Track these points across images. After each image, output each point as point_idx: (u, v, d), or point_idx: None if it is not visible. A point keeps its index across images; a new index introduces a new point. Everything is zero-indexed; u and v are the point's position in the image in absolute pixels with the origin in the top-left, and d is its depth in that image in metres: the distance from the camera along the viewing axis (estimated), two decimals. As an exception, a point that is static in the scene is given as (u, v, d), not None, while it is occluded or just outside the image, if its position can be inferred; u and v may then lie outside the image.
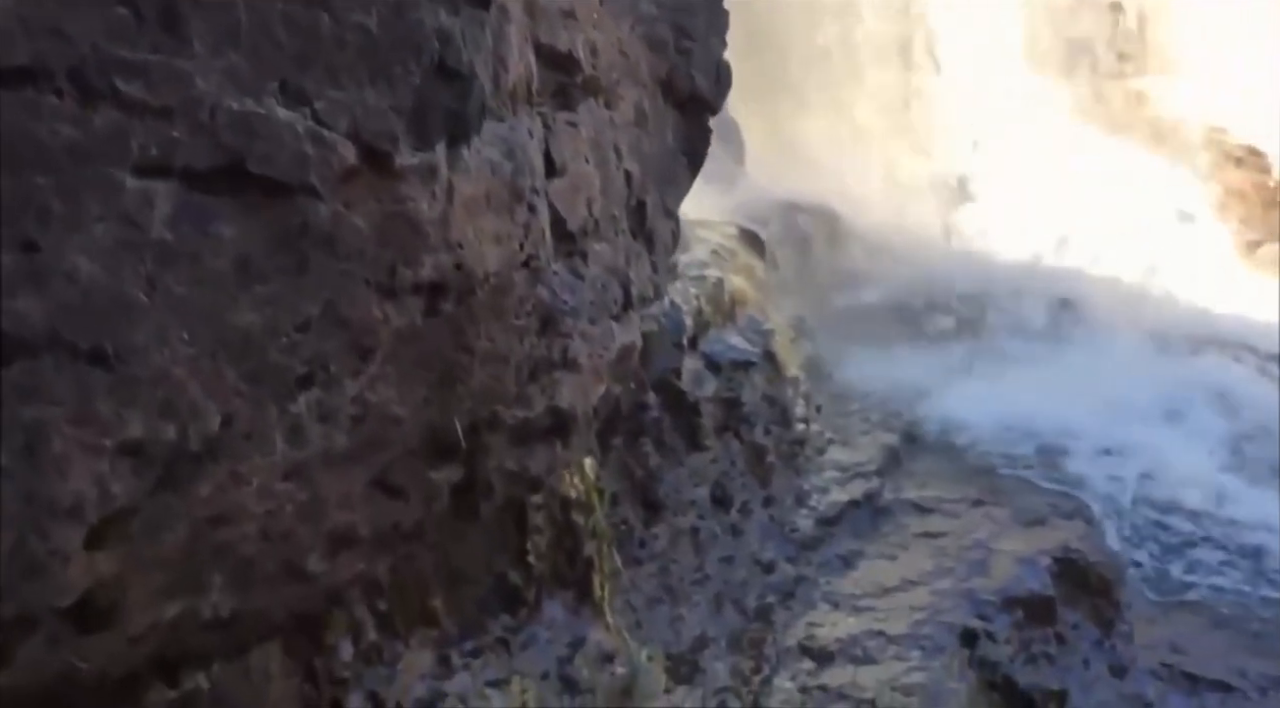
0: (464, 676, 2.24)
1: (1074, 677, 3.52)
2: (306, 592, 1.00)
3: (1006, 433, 4.74)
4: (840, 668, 3.18)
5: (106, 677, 0.90)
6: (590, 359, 1.21)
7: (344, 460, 0.97)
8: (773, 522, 3.68)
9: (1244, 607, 4.14)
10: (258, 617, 0.98)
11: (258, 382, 0.88)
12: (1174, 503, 4.64)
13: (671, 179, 1.44)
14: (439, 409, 1.04)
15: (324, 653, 1.93)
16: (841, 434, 4.38)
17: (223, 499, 0.87)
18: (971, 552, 3.78)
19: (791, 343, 4.39)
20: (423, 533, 1.12)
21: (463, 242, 0.99)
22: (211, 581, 0.91)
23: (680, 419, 3.34)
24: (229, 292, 0.86)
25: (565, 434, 1.21)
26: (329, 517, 0.98)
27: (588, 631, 2.60)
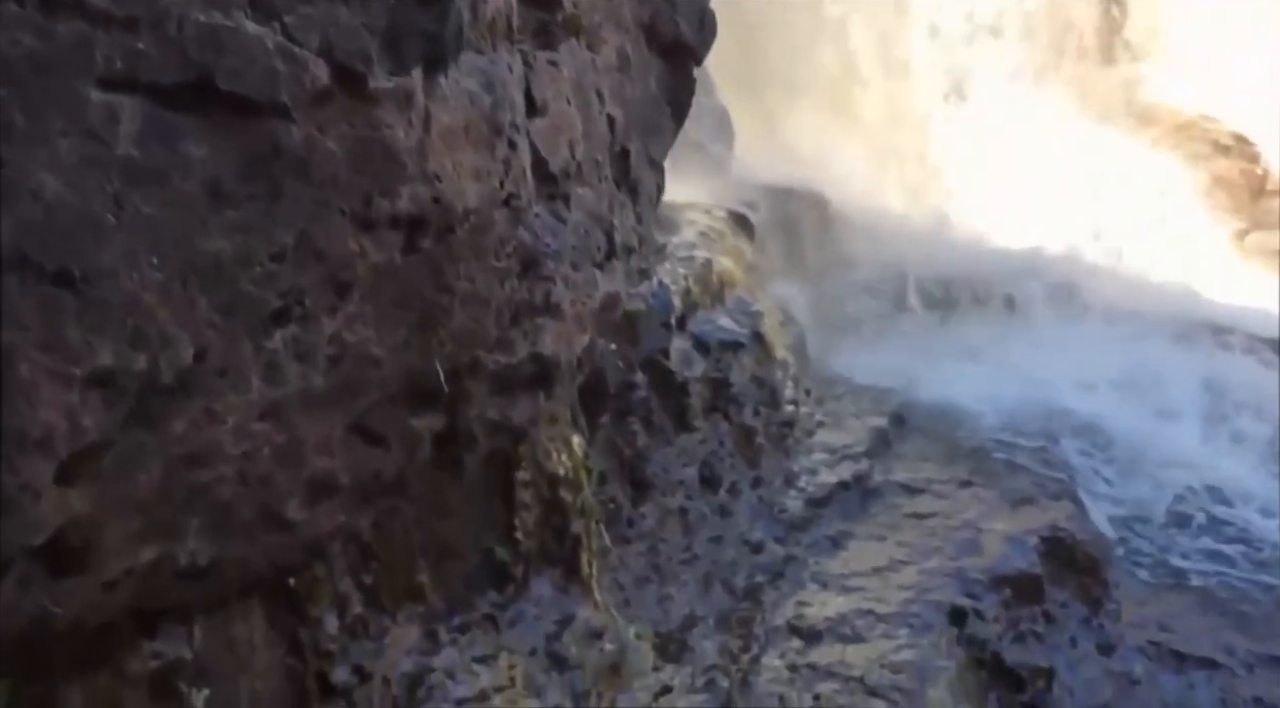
0: (451, 651, 2.23)
1: (1061, 655, 3.53)
2: (286, 542, 0.99)
3: (995, 415, 4.74)
4: (829, 647, 3.18)
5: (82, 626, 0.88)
6: (573, 306, 1.19)
7: (322, 403, 0.95)
8: (761, 503, 3.67)
9: (1232, 587, 4.15)
10: (237, 567, 0.96)
11: (231, 313, 0.86)
12: (1162, 484, 4.65)
13: (655, 128, 1.43)
14: (419, 352, 1.03)
15: (309, 625, 1.92)
16: (830, 416, 4.38)
17: (197, 437, 0.86)
18: (960, 532, 3.78)
19: (780, 325, 4.38)
20: (405, 485, 1.10)
21: (441, 174, 0.97)
22: (188, 525, 0.89)
23: (668, 399, 3.33)
24: (199, 215, 0.84)
25: (548, 384, 1.19)
26: (308, 462, 0.96)
27: (576, 608, 2.59)
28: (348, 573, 2.03)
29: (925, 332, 5.42)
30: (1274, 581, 4.18)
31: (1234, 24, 9.62)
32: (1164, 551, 4.34)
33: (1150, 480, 4.66)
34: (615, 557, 2.95)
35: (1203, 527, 4.46)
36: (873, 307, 5.47)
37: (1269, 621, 3.92)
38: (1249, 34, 9.62)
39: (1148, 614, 3.88)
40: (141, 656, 1.56)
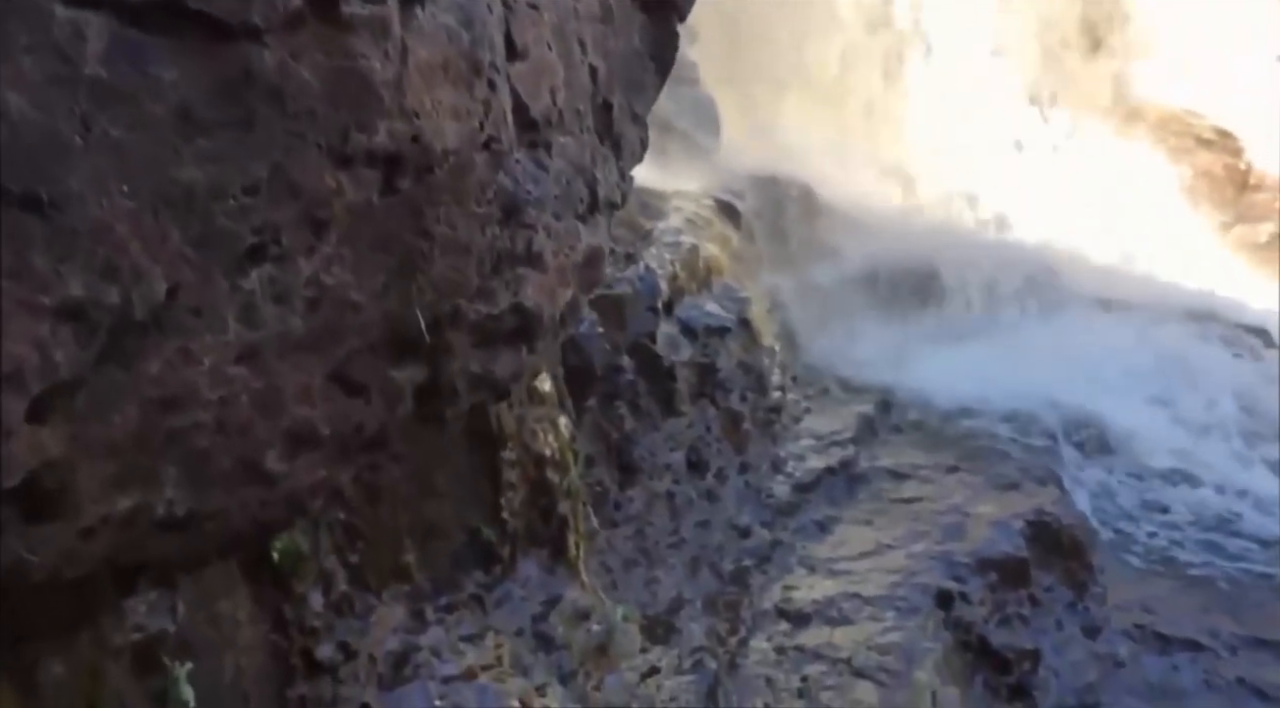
0: (437, 630, 2.21)
1: (1047, 638, 3.53)
2: (266, 496, 0.97)
3: (981, 401, 4.75)
4: (816, 629, 3.17)
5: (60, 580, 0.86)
6: (556, 258, 1.17)
7: (300, 348, 0.93)
8: (748, 488, 3.67)
9: (1215, 571, 4.16)
10: (216, 521, 0.95)
11: (205, 247, 0.84)
12: (1145, 469, 4.67)
13: (638, 84, 1.41)
14: (398, 299, 1.01)
15: (294, 602, 1.90)
16: (817, 403, 4.38)
17: (173, 379, 0.83)
18: (946, 516, 3.78)
19: (767, 313, 4.38)
20: (386, 440, 1.09)
21: (419, 111, 0.95)
22: (165, 473, 0.87)
23: (655, 384, 3.31)
24: (170, 142, 0.81)
25: (530, 337, 1.18)
26: (287, 411, 0.94)
27: (563, 589, 2.57)
28: (333, 551, 2.01)
29: (911, 320, 5.41)
30: (1257, 565, 4.19)
31: (1218, 20, 9.67)
32: (1148, 536, 4.35)
33: (1132, 466, 4.68)
34: (602, 540, 2.93)
35: (1185, 512, 4.48)
36: (859, 296, 5.46)
37: (1252, 604, 3.94)
38: (1233, 30, 9.68)
39: (1132, 598, 3.88)
40: (124, 628, 1.54)
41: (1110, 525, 4.31)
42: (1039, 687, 3.37)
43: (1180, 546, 4.31)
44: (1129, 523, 4.39)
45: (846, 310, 5.35)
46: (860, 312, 5.39)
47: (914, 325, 5.44)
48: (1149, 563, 4.19)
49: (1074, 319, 5.72)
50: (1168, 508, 4.48)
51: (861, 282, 5.63)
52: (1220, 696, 3.47)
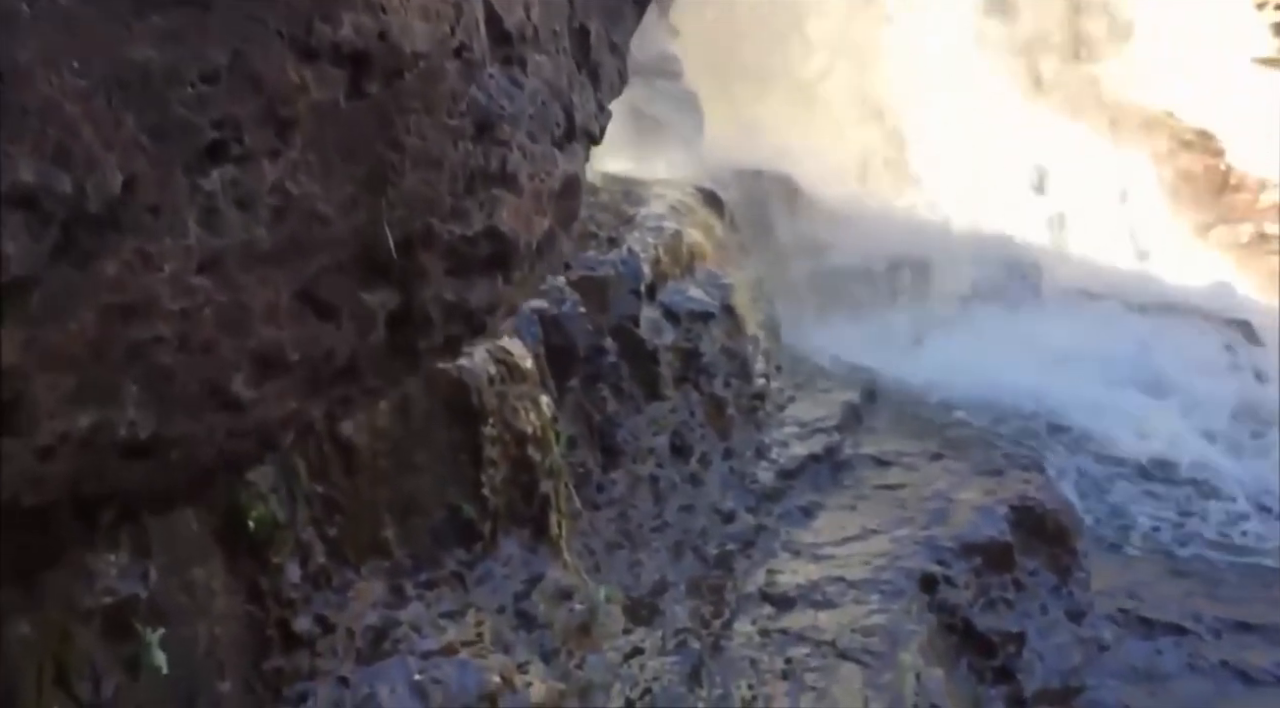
0: (417, 605, 2.18)
1: (1031, 621, 3.52)
2: (234, 424, 0.93)
3: (964, 391, 4.75)
4: (801, 612, 3.15)
5: (18, 505, 0.83)
6: (531, 182, 1.14)
7: (266, 261, 0.90)
8: (732, 473, 3.65)
9: (1199, 557, 4.17)
10: (182, 448, 0.91)
11: (162, 139, 0.81)
12: (1127, 458, 4.67)
13: (616, 12, 1.39)
14: (368, 214, 0.97)
15: (270, 573, 1.87)
16: (801, 392, 4.36)
17: (132, 284, 0.80)
18: (930, 502, 3.77)
19: (752, 301, 4.36)
20: (358, 371, 1.05)
21: (386, 6, 0.93)
22: (126, 391, 0.84)
23: (638, 367, 3.29)
24: (122, 18, 0.78)
25: (506, 266, 1.15)
26: (254, 331, 0.91)
27: (545, 568, 2.54)
28: (310, 523, 1.98)
29: (896, 312, 5.42)
30: (1239, 551, 4.20)
31: (1196, 23, 9.73)
32: (1131, 523, 4.36)
33: (1115, 455, 4.68)
34: (585, 521, 2.91)
35: (1167, 500, 4.49)
36: (844, 288, 5.46)
37: (1235, 589, 3.94)
38: (1211, 33, 9.74)
39: (1116, 583, 3.88)
40: (94, 591, 1.52)
41: (1093, 513, 4.32)
42: (1023, 669, 3.35)
43: (1163, 533, 4.32)
44: (1112, 511, 4.40)
45: (831, 302, 5.35)
46: (845, 303, 5.39)
47: (899, 317, 5.44)
48: (1132, 550, 4.19)
49: (1057, 311, 5.73)
50: (1151, 496, 4.49)
51: (846, 274, 5.64)
52: (1204, 678, 3.47)
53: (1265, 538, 4.29)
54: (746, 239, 4.93)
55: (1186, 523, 4.37)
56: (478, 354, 2.37)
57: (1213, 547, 4.22)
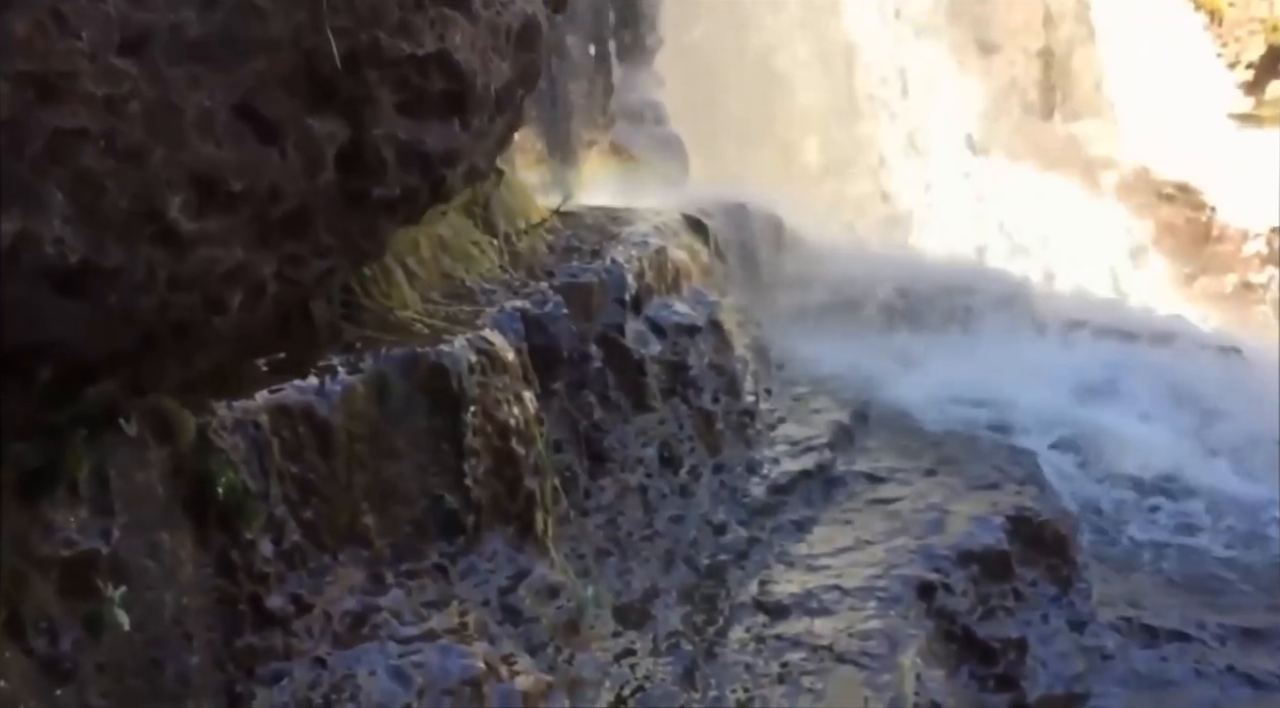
0: (398, 593, 2.11)
1: (1032, 630, 3.42)
2: (176, 267, 0.88)
3: (956, 412, 4.70)
4: (796, 620, 3.06)
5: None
6: (486, 10, 1.10)
7: (198, 55, 0.84)
8: (723, 487, 3.58)
9: (1199, 566, 4.08)
10: (120, 291, 0.86)
11: None
12: (1123, 475, 4.60)
13: None
14: (309, 15, 0.92)
15: (241, 547, 1.81)
16: (792, 414, 4.31)
17: (46, 51, 0.75)
18: (925, 514, 3.70)
19: (738, 326, 4.33)
20: (309, 222, 1.00)
21: None
22: (51, 197, 0.79)
23: (625, 377, 3.25)
24: None
25: (462, 108, 1.10)
26: (188, 143, 0.86)
27: (532, 565, 2.47)
28: (283, 501, 1.92)
29: (887, 341, 5.38)
30: (1239, 560, 4.12)
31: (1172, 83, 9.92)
32: (1130, 537, 4.27)
33: (1110, 472, 4.61)
34: (574, 527, 2.84)
35: (1165, 513, 4.40)
36: (832, 318, 5.43)
37: (1237, 596, 3.85)
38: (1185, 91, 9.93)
39: (1117, 593, 3.78)
40: (52, 540, 1.45)
41: (1092, 527, 4.23)
42: (1026, 677, 3.25)
43: (1164, 546, 4.23)
44: (1110, 524, 4.31)
45: (820, 331, 5.32)
46: (834, 332, 5.36)
47: (890, 345, 5.40)
48: (1132, 561, 4.09)
49: (1049, 337, 5.70)
50: (1148, 509, 4.41)
51: (834, 306, 5.61)
52: (1210, 683, 3.36)
53: (1265, 550, 4.21)
54: (733, 269, 4.92)
55: (1187, 537, 4.28)
56: (457, 341, 2.33)
57: (1214, 559, 4.13)
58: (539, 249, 3.18)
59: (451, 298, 2.61)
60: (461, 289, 2.68)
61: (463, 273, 2.73)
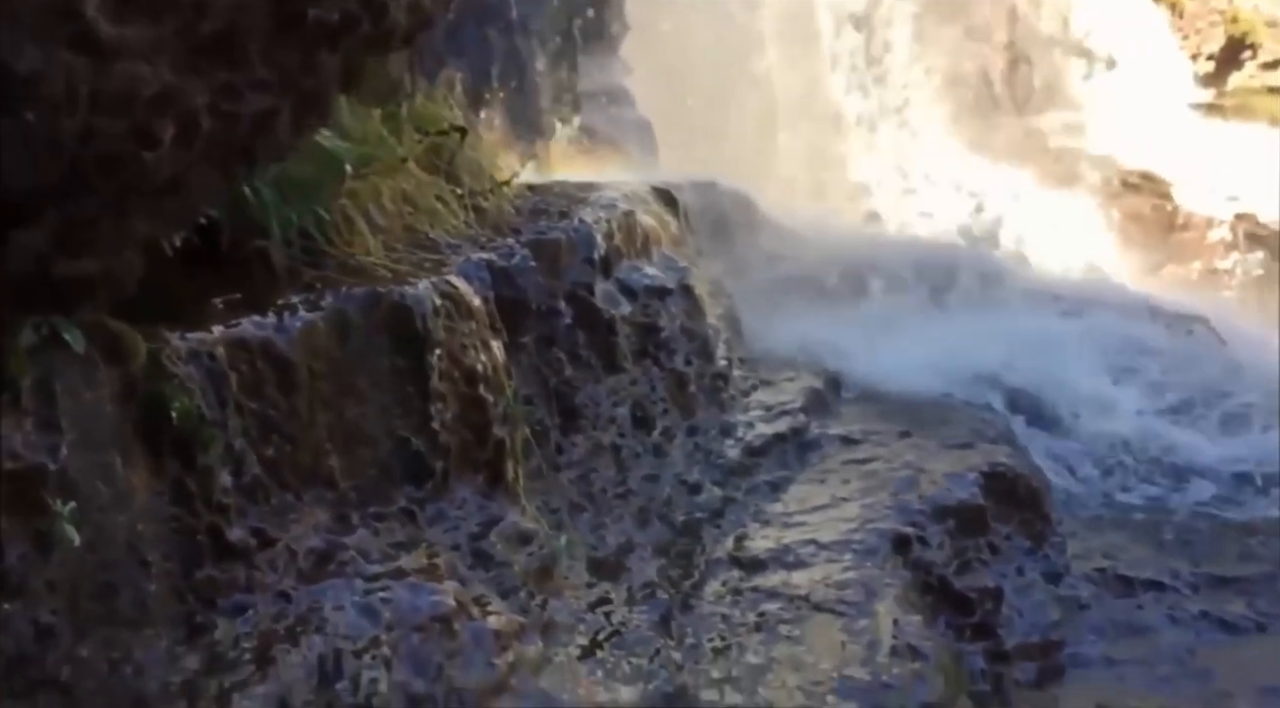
0: (365, 533, 2.06)
1: (1008, 582, 3.40)
2: (97, 81, 0.82)
3: (930, 378, 4.68)
4: (772, 573, 3.02)
5: None
6: None
7: None
8: (697, 449, 3.54)
9: (1172, 520, 4.08)
10: (35, 95, 0.80)
11: None
12: (1094, 436, 4.60)
13: None
14: None
15: (198, 475, 1.76)
16: (765, 382, 4.28)
17: None
18: (900, 472, 3.67)
19: (711, 296, 4.29)
20: (241, 47, 0.95)
21: None
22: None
23: (595, 337, 3.20)
24: None
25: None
26: None
27: (503, 512, 2.43)
28: (243, 434, 1.87)
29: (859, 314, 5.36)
30: (1210, 513, 4.12)
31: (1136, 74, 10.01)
32: (1102, 493, 4.27)
33: (1082, 434, 4.61)
34: (546, 481, 2.79)
35: (1135, 471, 4.41)
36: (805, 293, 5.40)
37: (1208, 547, 3.85)
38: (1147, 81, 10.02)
39: (1091, 547, 3.78)
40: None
41: (1064, 486, 4.22)
42: (1003, 625, 3.22)
43: (1134, 501, 4.24)
44: (1083, 483, 4.31)
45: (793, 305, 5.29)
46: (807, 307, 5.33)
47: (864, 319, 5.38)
48: (1106, 517, 4.09)
49: (1018, 308, 5.70)
50: (1118, 468, 4.41)
51: (807, 281, 5.59)
52: (1185, 629, 3.35)
53: (1236, 503, 4.21)
54: (703, 242, 4.89)
55: (1158, 493, 4.29)
56: (421, 284, 2.29)
57: (1186, 513, 4.13)
58: (505, 210, 3.13)
59: (416, 249, 2.56)
60: (426, 241, 2.63)
61: (427, 227, 2.69)
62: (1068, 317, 5.72)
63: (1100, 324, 5.63)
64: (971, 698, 2.88)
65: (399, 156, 2.53)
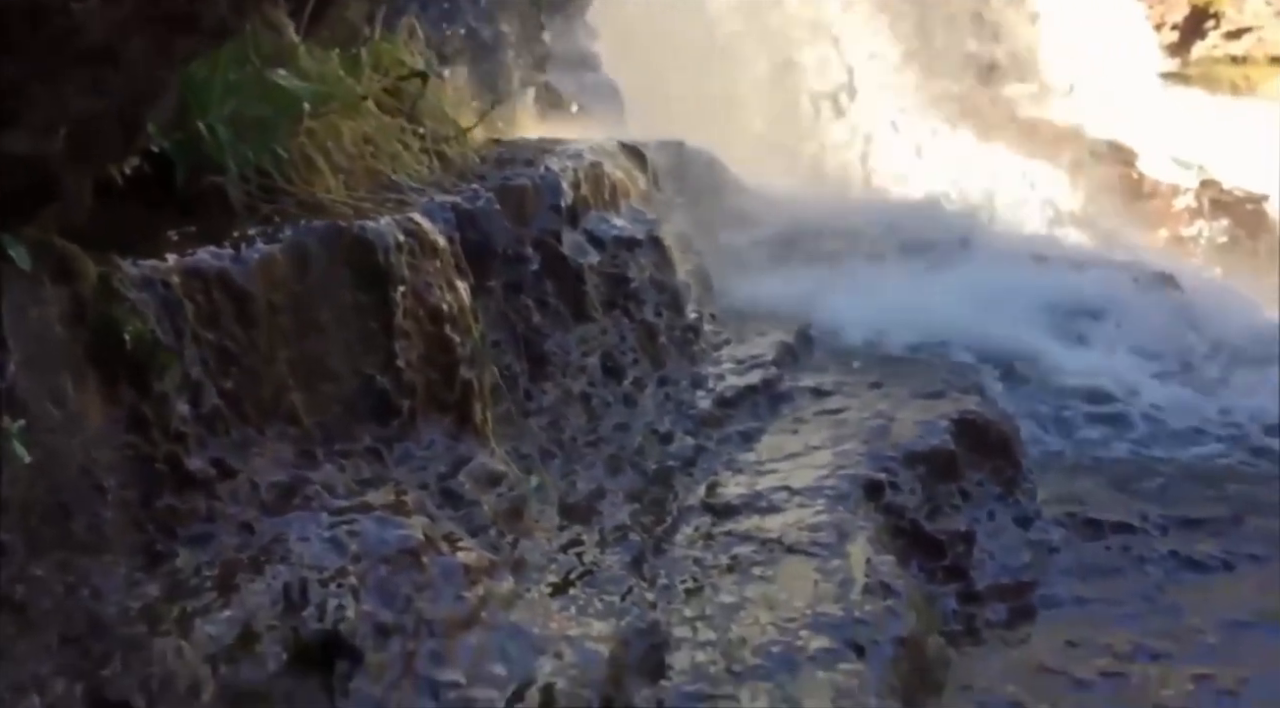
0: (331, 468, 2.02)
1: (980, 527, 3.41)
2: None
3: (901, 333, 4.69)
4: (745, 518, 3.01)
5: None
6: None
7: None
8: (669, 400, 3.52)
9: (1142, 467, 4.10)
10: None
11: None
12: (1063, 387, 4.62)
13: None
14: None
15: (154, 402, 1.71)
16: (736, 336, 4.27)
17: None
18: (872, 421, 3.67)
19: (681, 252, 4.27)
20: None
21: None
22: None
23: (563, 284, 3.17)
24: None
25: None
26: None
27: (473, 454, 2.40)
28: (200, 364, 1.83)
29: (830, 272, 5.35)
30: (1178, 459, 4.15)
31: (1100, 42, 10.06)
32: (1073, 442, 4.29)
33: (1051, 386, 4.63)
34: (516, 426, 2.76)
35: (1105, 422, 4.43)
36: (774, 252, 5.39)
37: (1177, 491, 3.87)
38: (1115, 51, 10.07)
39: (1062, 494, 3.78)
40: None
41: (1035, 436, 4.23)
42: (974, 568, 3.22)
43: (1106, 451, 4.25)
44: (1053, 433, 4.32)
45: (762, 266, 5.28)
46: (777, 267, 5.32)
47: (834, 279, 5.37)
48: (1076, 466, 4.10)
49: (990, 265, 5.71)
50: (1090, 419, 4.43)
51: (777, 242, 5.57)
52: (1155, 568, 3.36)
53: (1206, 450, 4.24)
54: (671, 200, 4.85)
55: (1128, 442, 4.30)
56: (383, 219, 2.25)
57: (1155, 460, 4.16)
58: (470, 157, 3.09)
59: (379, 190, 2.52)
60: (389, 183, 2.59)
61: (390, 170, 2.64)
62: (1036, 274, 5.74)
63: (1069, 281, 5.66)
64: (944, 638, 2.89)
65: (358, 94, 2.48)
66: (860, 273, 5.37)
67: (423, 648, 1.78)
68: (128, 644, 1.43)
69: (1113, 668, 2.83)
